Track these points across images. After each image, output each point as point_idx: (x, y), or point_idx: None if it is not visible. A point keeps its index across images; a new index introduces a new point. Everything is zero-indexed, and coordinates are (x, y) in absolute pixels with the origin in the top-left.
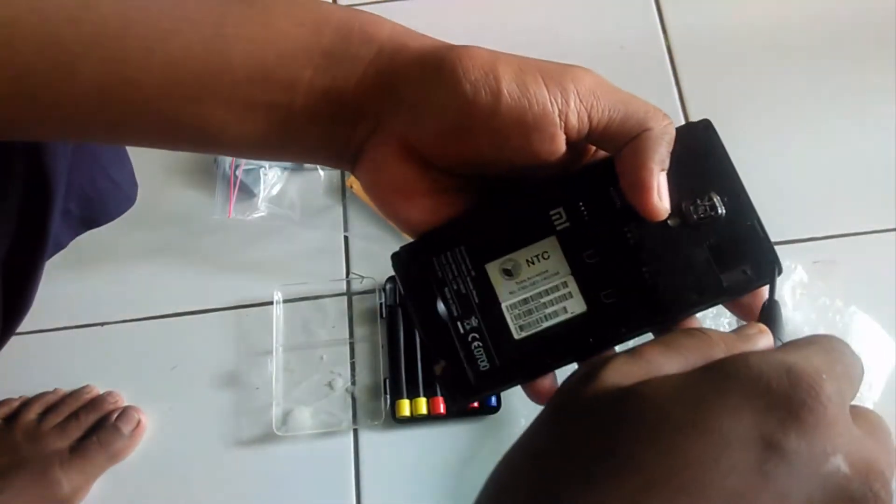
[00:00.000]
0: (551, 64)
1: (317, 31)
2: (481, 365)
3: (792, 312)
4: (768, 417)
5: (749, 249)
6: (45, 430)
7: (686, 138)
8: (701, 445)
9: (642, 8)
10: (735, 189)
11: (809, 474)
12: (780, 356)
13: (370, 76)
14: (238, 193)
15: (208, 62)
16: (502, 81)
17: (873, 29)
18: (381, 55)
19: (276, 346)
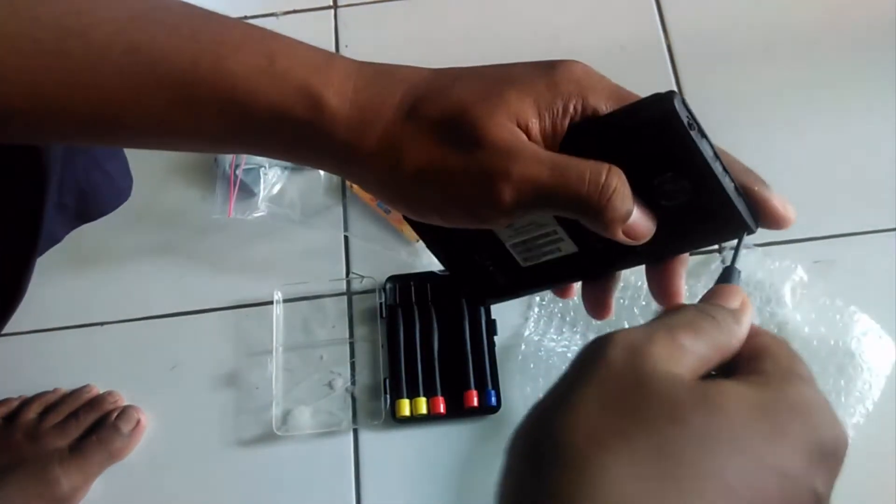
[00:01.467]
0: (474, 179)
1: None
2: (499, 280)
3: (792, 312)
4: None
5: (722, 214)
6: (44, 429)
7: (651, 110)
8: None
9: (642, 8)
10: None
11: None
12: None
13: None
14: (238, 193)
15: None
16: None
17: (874, 29)
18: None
19: (276, 346)
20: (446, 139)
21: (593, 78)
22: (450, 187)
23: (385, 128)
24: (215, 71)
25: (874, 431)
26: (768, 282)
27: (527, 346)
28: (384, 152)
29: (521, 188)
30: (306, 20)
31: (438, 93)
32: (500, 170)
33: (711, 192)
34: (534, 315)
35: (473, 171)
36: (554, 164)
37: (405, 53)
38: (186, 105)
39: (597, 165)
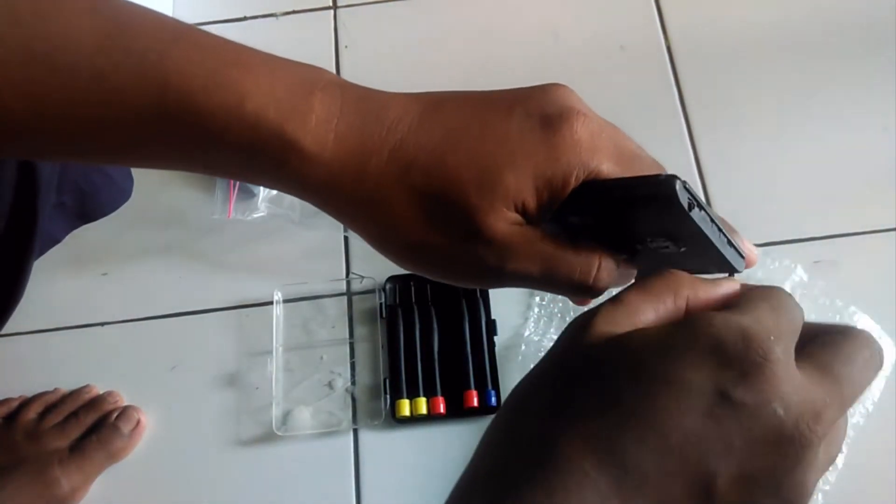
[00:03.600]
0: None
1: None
2: None
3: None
4: (723, 373)
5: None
6: (44, 429)
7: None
8: (667, 392)
9: (642, 8)
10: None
11: (751, 419)
12: (738, 319)
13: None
14: (238, 193)
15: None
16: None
17: (873, 29)
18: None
19: (276, 346)
20: (442, 222)
21: (596, 139)
22: (448, 267)
23: (374, 189)
24: (182, 107)
25: (874, 431)
26: (768, 282)
27: (527, 347)
28: (374, 215)
29: (511, 280)
30: (306, 20)
31: (430, 158)
32: (495, 266)
33: (707, 252)
34: (534, 315)
35: (469, 261)
36: (545, 259)
37: (405, 53)
38: (156, 135)
39: (588, 261)
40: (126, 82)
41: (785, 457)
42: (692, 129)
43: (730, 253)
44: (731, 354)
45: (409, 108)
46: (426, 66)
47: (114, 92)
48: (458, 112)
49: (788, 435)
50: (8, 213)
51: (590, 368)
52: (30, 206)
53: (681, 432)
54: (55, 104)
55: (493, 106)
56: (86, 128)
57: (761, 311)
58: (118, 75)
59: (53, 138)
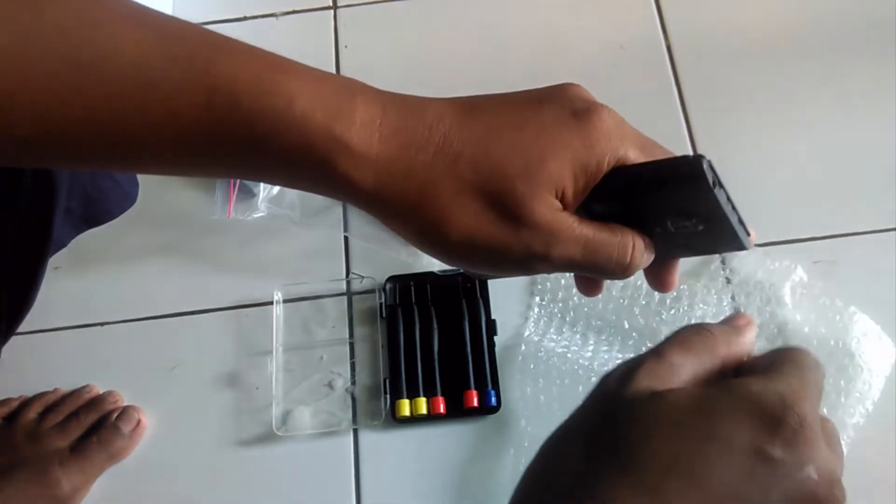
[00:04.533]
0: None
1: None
2: None
3: (792, 312)
4: (763, 434)
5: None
6: (44, 429)
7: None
8: (710, 448)
9: (642, 8)
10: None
11: (788, 478)
12: (774, 385)
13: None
14: (238, 193)
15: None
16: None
17: (873, 29)
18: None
19: (276, 346)
20: (491, 210)
21: (622, 128)
22: (494, 255)
23: (423, 186)
24: (231, 111)
25: (874, 431)
26: (768, 282)
27: (527, 347)
28: (424, 212)
29: (556, 264)
30: (306, 20)
31: (475, 151)
32: (541, 253)
33: (722, 229)
34: (534, 315)
35: (517, 249)
36: (587, 243)
37: (405, 54)
38: (203, 142)
39: (623, 243)
40: (174, 88)
41: None
42: (692, 129)
43: (741, 231)
44: (770, 417)
45: (445, 110)
46: (426, 66)
47: (162, 98)
48: (495, 110)
49: (824, 497)
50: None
51: (633, 420)
52: (47, 212)
53: (722, 487)
54: (104, 112)
55: (525, 103)
56: (134, 135)
57: (791, 376)
58: (166, 82)
59: (101, 146)
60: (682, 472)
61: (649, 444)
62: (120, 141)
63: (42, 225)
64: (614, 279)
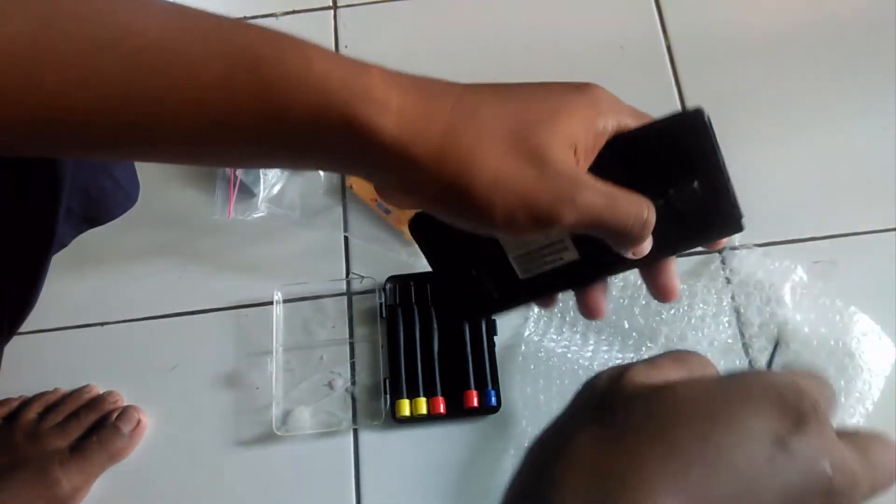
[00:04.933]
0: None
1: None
2: (494, 295)
3: (792, 312)
4: (782, 421)
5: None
6: (44, 429)
7: (681, 124)
8: (729, 436)
9: (642, 8)
10: (716, 177)
11: (806, 469)
12: (790, 377)
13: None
14: (238, 193)
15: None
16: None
17: (873, 29)
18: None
19: (276, 346)
20: (516, 152)
21: (618, 100)
22: (521, 201)
23: (444, 130)
24: (252, 75)
25: None
26: (768, 282)
27: (527, 347)
28: (447, 157)
29: (581, 213)
30: (306, 20)
31: (493, 101)
32: (567, 195)
33: (721, 195)
34: (534, 315)
35: (545, 191)
36: (607, 195)
37: (405, 54)
38: (220, 113)
39: (638, 201)
40: (194, 61)
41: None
42: None
43: (737, 203)
44: (786, 403)
45: (456, 83)
46: (426, 66)
47: (182, 72)
48: (500, 85)
49: (838, 493)
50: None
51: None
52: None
53: (745, 476)
54: (122, 90)
55: (531, 83)
56: (154, 112)
57: (805, 378)
58: (186, 55)
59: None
60: (704, 461)
61: (667, 434)
62: (139, 120)
63: (44, 224)
64: (626, 244)
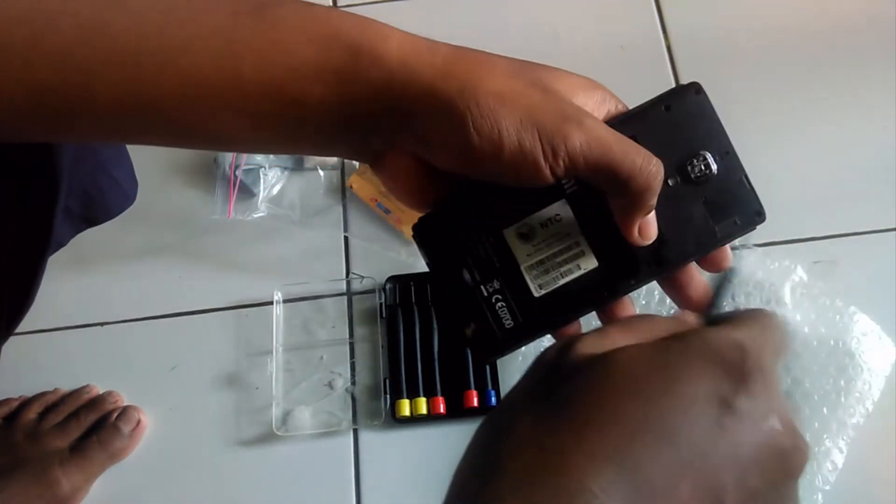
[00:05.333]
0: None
1: (326, 48)
2: (506, 323)
3: (792, 312)
4: (724, 382)
5: (739, 202)
6: (44, 429)
7: (679, 100)
8: (672, 403)
9: (642, 8)
10: (725, 147)
11: (753, 429)
12: (733, 332)
13: (382, 103)
14: (238, 193)
15: (219, 77)
16: (504, 135)
17: (873, 29)
18: (392, 84)
19: (276, 346)
20: (521, 77)
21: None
22: (529, 113)
23: (448, 57)
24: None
25: (874, 431)
26: (768, 282)
27: (527, 347)
28: (452, 76)
29: (589, 139)
30: None
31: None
32: (575, 116)
33: (732, 175)
34: None
35: (551, 109)
36: (614, 136)
37: None
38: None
39: (647, 152)
40: (198, 7)
41: (786, 472)
42: None
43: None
44: (728, 363)
45: None
46: None
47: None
48: None
49: (789, 449)
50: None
51: (583, 383)
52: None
53: (690, 444)
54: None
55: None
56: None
57: (753, 328)
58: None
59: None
60: (647, 432)
61: (607, 405)
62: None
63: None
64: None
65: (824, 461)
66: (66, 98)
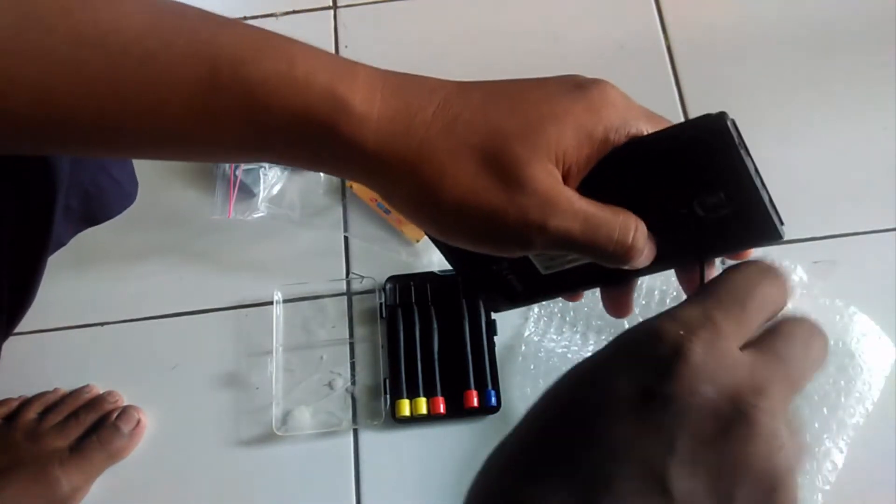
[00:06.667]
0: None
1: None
2: (517, 288)
3: (792, 312)
4: (644, 373)
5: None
6: (44, 429)
7: (697, 132)
8: (597, 399)
9: (642, 8)
10: (744, 183)
11: (682, 407)
12: (650, 320)
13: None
14: (238, 193)
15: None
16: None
17: (873, 28)
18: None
19: (276, 346)
20: (488, 171)
21: (628, 101)
22: (488, 222)
23: (420, 145)
24: (234, 77)
25: (874, 431)
26: None
27: (527, 347)
28: (421, 172)
29: (553, 238)
30: (306, 20)
31: (475, 113)
32: (538, 221)
33: (751, 207)
34: (534, 315)
35: (513, 214)
36: (586, 218)
37: (405, 54)
38: (205, 112)
39: (624, 223)
40: (176, 59)
41: (734, 438)
42: None
43: (773, 212)
44: (644, 354)
45: (445, 82)
46: (426, 66)
47: (163, 71)
48: (494, 84)
49: (727, 414)
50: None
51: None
52: (46, 210)
53: (615, 438)
54: (106, 88)
55: (527, 80)
56: (136, 110)
57: (693, 304)
58: (169, 53)
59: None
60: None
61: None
62: (122, 119)
63: (41, 222)
64: (613, 264)
65: (824, 461)
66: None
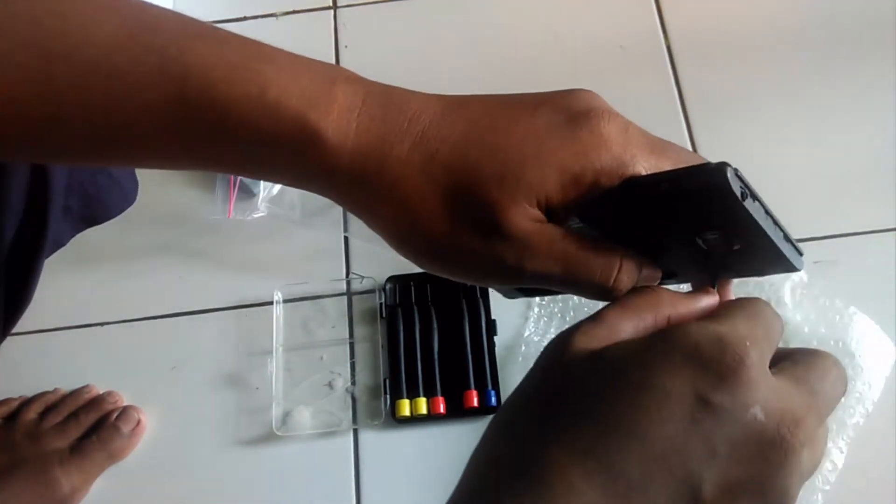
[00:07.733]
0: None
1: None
2: None
3: (792, 312)
4: (701, 378)
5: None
6: (44, 429)
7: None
8: (646, 399)
9: (642, 8)
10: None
11: (732, 422)
12: (714, 326)
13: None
14: (238, 193)
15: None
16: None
17: (873, 28)
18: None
19: (276, 346)
20: (462, 215)
21: (625, 135)
22: (464, 264)
23: (394, 184)
24: (203, 98)
25: (874, 431)
26: (768, 282)
27: (527, 347)
28: (394, 209)
29: (532, 278)
30: (306, 20)
31: (453, 151)
32: (515, 265)
33: (760, 247)
34: (534, 315)
35: (488, 259)
36: (566, 258)
37: (405, 53)
38: (175, 131)
39: (609, 262)
40: (144, 78)
41: (769, 462)
42: (692, 129)
43: (787, 248)
44: (706, 359)
45: (431, 103)
46: (426, 66)
47: (132, 87)
48: (482, 109)
49: (770, 439)
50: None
51: (570, 383)
52: (42, 210)
53: (663, 439)
54: (74, 102)
55: (519, 104)
56: (104, 125)
57: (737, 318)
58: (137, 71)
59: (73, 138)
60: (622, 428)
61: (586, 404)
62: (91, 133)
63: (37, 222)
64: (600, 300)
65: (824, 461)
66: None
